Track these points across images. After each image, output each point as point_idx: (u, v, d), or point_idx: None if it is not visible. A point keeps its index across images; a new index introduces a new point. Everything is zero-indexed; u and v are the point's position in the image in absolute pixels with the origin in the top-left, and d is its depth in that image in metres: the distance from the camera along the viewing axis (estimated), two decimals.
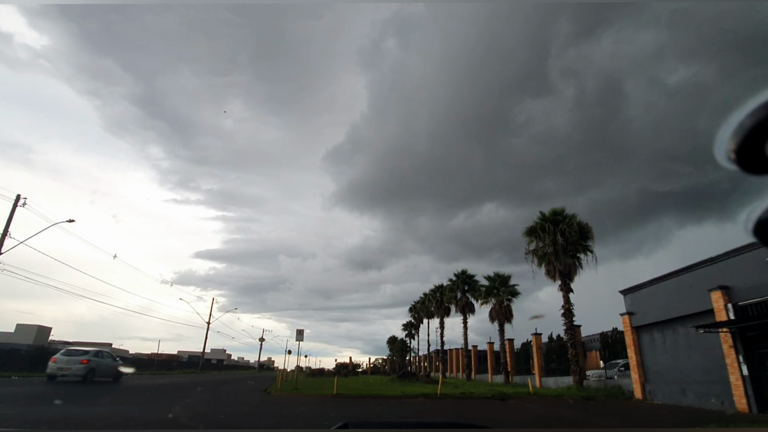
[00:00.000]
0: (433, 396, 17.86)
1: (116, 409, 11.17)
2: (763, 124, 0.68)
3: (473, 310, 40.33)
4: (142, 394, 16.11)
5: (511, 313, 30.92)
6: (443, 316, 49.89)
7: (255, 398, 16.53)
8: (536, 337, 28.38)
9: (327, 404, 15.36)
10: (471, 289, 40.52)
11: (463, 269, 41.44)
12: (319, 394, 18.10)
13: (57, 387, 16.44)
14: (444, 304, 49.90)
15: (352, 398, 17.13)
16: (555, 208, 22.99)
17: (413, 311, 68.81)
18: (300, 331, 20.09)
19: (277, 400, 16.39)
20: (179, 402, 13.62)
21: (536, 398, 18.82)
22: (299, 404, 15.12)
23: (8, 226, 21.73)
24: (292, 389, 19.50)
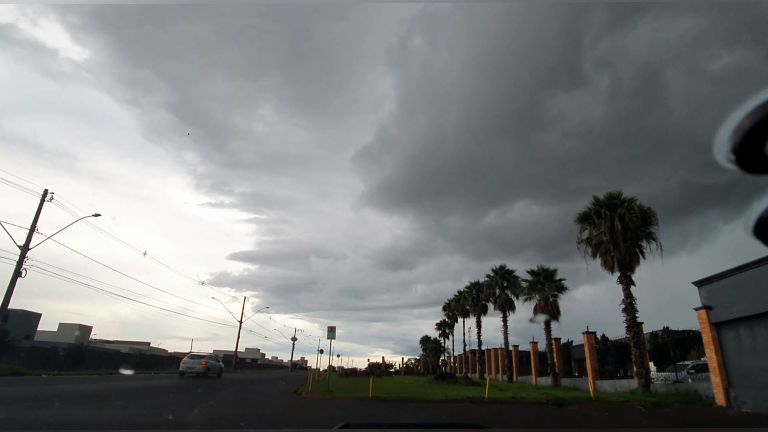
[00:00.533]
0: (480, 400, 15.93)
1: (121, 414, 9.94)
2: (762, 124, 0.68)
3: (513, 308, 37.93)
4: (163, 395, 14.98)
5: (558, 310, 28.47)
6: (480, 315, 47.53)
7: (284, 401, 15.12)
8: (588, 335, 25.84)
9: (362, 409, 13.75)
10: (510, 285, 38.10)
11: (502, 264, 39.11)
12: (353, 396, 16.51)
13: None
14: (481, 302, 47.54)
15: (389, 402, 15.45)
16: (611, 192, 20.56)
17: (447, 310, 66.60)
18: (331, 329, 18.60)
19: (308, 403, 14.91)
20: (201, 404, 12.33)
21: (598, 404, 16.56)
22: (331, 408, 13.57)
23: (35, 221, 21.32)
24: (324, 391, 18.01)
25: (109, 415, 9.70)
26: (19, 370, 20.62)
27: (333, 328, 18.57)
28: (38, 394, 12.78)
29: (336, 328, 18.62)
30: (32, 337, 51.50)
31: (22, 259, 20.64)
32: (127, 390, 15.96)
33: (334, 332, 18.57)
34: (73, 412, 9.59)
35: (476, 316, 47.94)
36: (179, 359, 66.99)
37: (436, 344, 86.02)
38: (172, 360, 65.68)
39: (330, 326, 18.48)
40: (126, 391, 15.33)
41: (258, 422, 9.46)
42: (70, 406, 10.62)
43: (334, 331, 18.61)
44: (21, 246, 20.66)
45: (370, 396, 15.83)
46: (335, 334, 18.63)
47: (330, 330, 18.57)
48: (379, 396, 16.15)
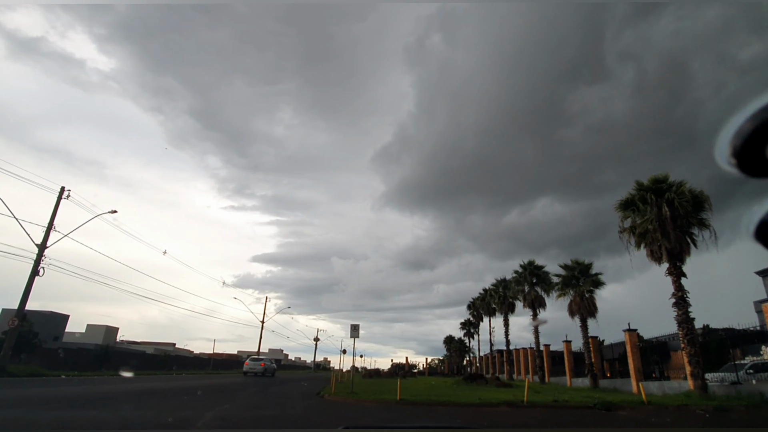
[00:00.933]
0: (518, 404, 14.49)
1: (129, 415, 8.99)
2: (763, 127, 0.68)
3: (543, 305, 36.10)
4: (176, 396, 14.09)
5: (595, 307, 26.61)
6: (507, 313, 45.77)
7: (305, 404, 14.03)
8: (630, 333, 23.98)
9: (389, 413, 12.54)
10: (540, 281, 36.28)
11: (530, 260, 37.33)
12: (379, 399, 15.30)
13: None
14: (508, 300, 45.77)
15: (418, 405, 14.18)
16: (656, 176, 18.76)
17: (472, 308, 64.77)
18: (355, 327, 17.45)
19: (331, 406, 13.79)
20: (216, 407, 11.35)
21: (651, 408, 14.89)
22: (356, 412, 12.41)
23: (53, 219, 20.92)
24: (348, 393, 16.87)
25: (101, 417, 8.79)
26: (38, 371, 20.26)
27: (356, 326, 17.44)
28: (36, 397, 12.03)
29: (359, 326, 17.49)
30: (61, 339, 52.26)
31: (40, 258, 20.25)
32: (136, 392, 15.17)
33: (357, 330, 17.43)
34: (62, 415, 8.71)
35: (503, 315, 46.19)
36: (204, 360, 67.51)
37: (460, 344, 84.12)
38: (196, 360, 66.15)
39: (353, 324, 17.35)
40: (133, 394, 14.53)
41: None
42: (66, 409, 9.77)
43: (358, 329, 17.46)
44: (38, 244, 20.29)
45: (398, 399, 14.59)
46: (359, 332, 17.48)
47: (353, 328, 17.43)
48: (408, 399, 14.90)
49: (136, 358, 50.13)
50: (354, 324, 17.40)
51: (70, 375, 21.97)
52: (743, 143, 0.71)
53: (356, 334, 17.45)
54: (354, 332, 17.45)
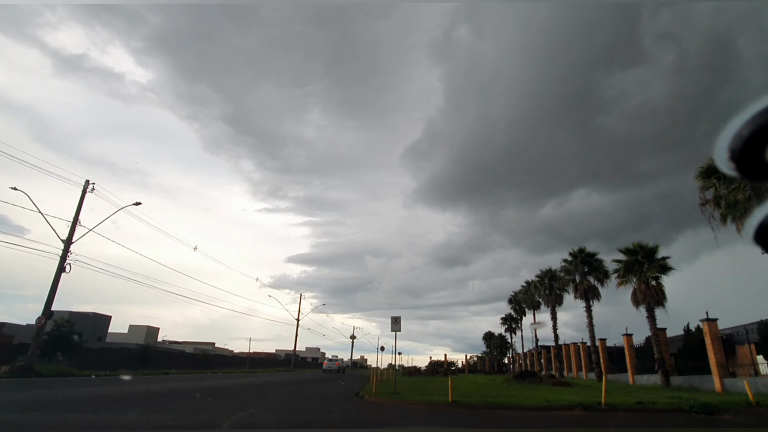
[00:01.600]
0: (594, 407, 12.16)
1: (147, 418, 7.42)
2: (762, 130, 0.69)
3: (598, 296, 32.99)
4: (200, 398, 12.62)
5: (663, 294, 23.56)
6: (555, 306, 42.66)
7: (343, 406, 12.25)
8: (709, 324, 20.93)
9: (443, 418, 10.55)
10: (594, 269, 33.18)
11: (581, 247, 34.22)
12: (426, 401, 13.32)
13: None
14: (555, 291, 42.69)
15: (474, 409, 12.11)
16: None
17: (513, 303, 61.57)
18: (396, 319, 15.54)
19: (372, 409, 11.94)
20: (240, 411, 9.72)
21: (763, 411, 12.19)
22: (404, 418, 10.49)
23: (78, 214, 20.15)
24: (391, 393, 14.99)
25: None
26: (67, 371, 19.55)
27: (398, 318, 15.52)
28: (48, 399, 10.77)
29: (401, 318, 15.57)
30: (104, 339, 53.27)
31: (66, 254, 19.51)
32: (156, 393, 13.82)
33: (399, 323, 15.50)
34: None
35: (550, 307, 43.12)
36: (242, 359, 67.56)
37: (501, 340, 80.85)
38: (234, 359, 66.27)
39: (394, 316, 15.43)
40: (154, 395, 13.16)
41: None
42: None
43: (399, 321, 15.53)
44: (64, 240, 19.56)
45: (450, 401, 12.56)
46: (400, 325, 15.55)
47: (394, 320, 15.51)
48: (461, 401, 12.85)
49: (175, 358, 50.32)
50: (395, 316, 15.51)
51: (102, 375, 21.19)
52: (742, 146, 0.70)
53: (397, 327, 15.53)
54: (395, 325, 15.53)
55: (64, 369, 19.70)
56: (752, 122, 0.68)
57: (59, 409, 9.26)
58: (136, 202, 21.21)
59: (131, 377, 21.14)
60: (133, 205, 21.29)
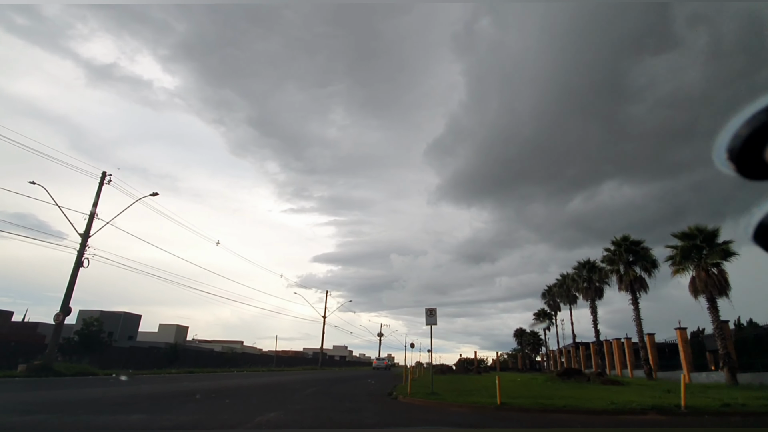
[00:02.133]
0: (671, 411, 10.25)
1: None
2: (761, 130, 0.69)
3: (645, 287, 30.40)
4: (217, 399, 11.35)
5: (727, 283, 21.07)
6: (594, 299, 40.07)
7: (375, 407, 10.78)
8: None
9: (497, 423, 8.91)
10: (640, 259, 30.61)
11: (625, 235, 31.64)
12: (470, 403, 11.68)
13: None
14: (594, 284, 40.09)
15: (529, 412, 10.41)
16: None
17: (547, 297, 58.87)
18: (431, 311, 13.95)
19: (409, 412, 10.40)
20: (264, 412, 8.40)
21: None
22: (448, 423, 8.92)
23: (95, 206, 19.43)
24: (428, 394, 13.42)
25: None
26: (87, 370, 18.85)
27: (433, 310, 13.93)
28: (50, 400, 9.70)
29: (436, 310, 13.96)
30: (135, 338, 53.77)
31: (83, 248, 18.81)
32: (171, 394, 12.67)
33: (434, 315, 13.89)
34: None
35: (589, 301, 40.51)
36: (269, 357, 67.29)
37: (534, 337, 77.94)
38: (262, 358, 66.04)
39: (429, 308, 13.86)
40: (167, 396, 11.99)
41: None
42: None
43: (435, 314, 13.93)
44: (81, 233, 18.85)
45: (499, 403, 10.88)
46: (436, 317, 13.95)
47: (429, 313, 13.92)
48: (511, 403, 11.14)
49: (204, 356, 50.22)
50: (430, 308, 13.93)
51: (124, 373, 20.45)
52: (741, 145, 0.70)
53: (433, 320, 13.93)
54: (430, 318, 13.93)
55: (85, 368, 19.02)
56: (751, 122, 0.68)
57: (56, 410, 8.13)
58: (152, 193, 20.40)
59: (151, 376, 20.33)
60: (150, 196, 20.49)
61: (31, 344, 29.31)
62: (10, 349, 25.74)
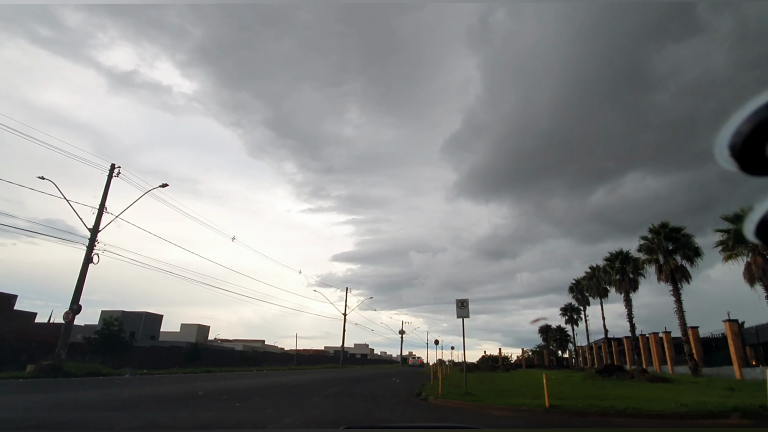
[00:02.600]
0: (756, 413, 8.60)
1: None
2: (762, 126, 0.69)
3: (687, 277, 28.25)
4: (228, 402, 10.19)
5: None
6: (629, 291, 37.78)
7: (406, 412, 9.44)
8: None
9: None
10: (681, 247, 28.45)
11: (664, 222, 29.53)
12: (512, 405, 10.22)
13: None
14: (628, 275, 37.83)
15: (584, 416, 8.91)
16: None
17: (575, 291, 56.38)
18: (462, 302, 12.52)
19: (446, 415, 9.03)
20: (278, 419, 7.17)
21: None
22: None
23: (104, 200, 18.64)
24: (462, 394, 12.01)
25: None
26: (99, 370, 18.07)
27: (464, 301, 12.49)
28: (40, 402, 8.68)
29: (468, 301, 12.53)
30: (157, 338, 53.83)
31: (93, 244, 18.04)
32: (175, 396, 11.58)
33: (466, 307, 12.46)
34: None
35: (623, 293, 38.19)
36: (290, 356, 66.77)
37: (560, 333, 75.31)
38: (283, 357, 65.57)
39: (460, 299, 12.43)
40: (172, 399, 10.89)
41: None
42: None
43: (467, 305, 12.51)
44: (90, 228, 18.09)
45: (547, 405, 9.41)
46: (468, 309, 12.53)
47: (461, 305, 12.48)
48: (561, 405, 9.64)
49: (225, 356, 49.86)
50: (461, 299, 12.50)
51: (139, 374, 19.66)
52: (743, 142, 0.70)
53: (465, 312, 12.50)
54: (462, 310, 12.50)
55: (97, 368, 18.24)
56: (753, 118, 0.67)
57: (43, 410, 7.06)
58: (162, 184, 19.53)
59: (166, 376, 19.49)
60: (160, 187, 19.62)
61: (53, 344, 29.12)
62: (31, 350, 25.44)
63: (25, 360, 20.69)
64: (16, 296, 34.52)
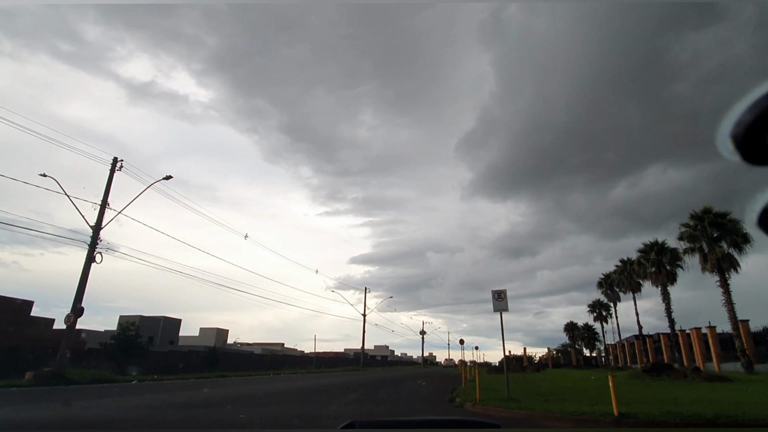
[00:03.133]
0: None
1: None
2: (764, 116, 0.69)
3: (736, 266, 25.90)
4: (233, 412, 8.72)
5: None
6: (666, 284, 35.34)
7: None
8: None
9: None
10: (728, 233, 26.11)
11: (707, 207, 27.22)
12: (572, 413, 8.53)
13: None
14: (665, 267, 35.39)
15: (666, 428, 7.18)
16: None
17: (604, 286, 53.67)
18: (499, 294, 10.84)
19: None
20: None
21: None
22: None
23: (107, 195, 17.56)
24: (504, 400, 10.35)
25: None
26: (104, 376, 16.91)
27: (502, 292, 10.82)
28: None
29: (506, 292, 10.86)
30: (176, 342, 53.32)
31: (95, 242, 16.96)
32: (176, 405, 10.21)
33: (504, 299, 10.77)
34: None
35: (660, 286, 35.74)
36: (310, 359, 65.71)
37: (588, 331, 72.27)
38: (302, 360, 64.52)
39: (497, 290, 10.77)
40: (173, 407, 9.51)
41: None
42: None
43: (505, 297, 10.83)
44: (93, 226, 17.03)
45: (616, 414, 7.70)
46: (506, 301, 10.84)
47: (497, 296, 10.80)
48: (634, 414, 7.92)
49: (244, 359, 48.99)
50: (497, 290, 10.85)
51: (147, 379, 18.51)
52: (745, 132, 0.70)
53: (503, 305, 10.79)
54: (499, 302, 10.80)
55: (102, 374, 17.10)
56: (754, 108, 0.67)
57: None
58: (166, 176, 18.38)
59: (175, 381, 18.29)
60: (164, 180, 18.47)
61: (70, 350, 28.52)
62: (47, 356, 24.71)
63: (36, 367, 19.88)
64: (32, 302, 33.96)
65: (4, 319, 30.97)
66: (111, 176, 17.64)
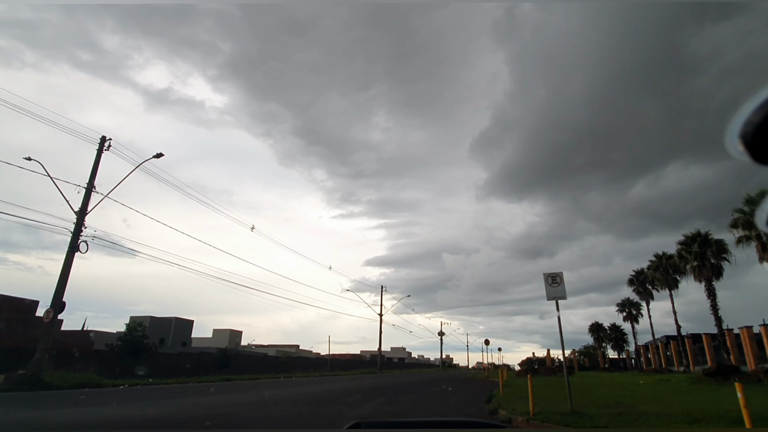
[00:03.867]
0: None
1: None
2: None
3: None
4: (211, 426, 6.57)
5: None
6: (711, 278, 32.15)
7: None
8: None
9: None
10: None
11: (763, 188, 24.21)
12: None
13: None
14: (709, 260, 32.22)
15: None
16: None
17: (635, 284, 50.25)
18: (554, 277, 8.51)
19: None
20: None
21: None
22: None
23: (93, 177, 15.76)
24: (565, 415, 8.02)
25: None
26: (91, 380, 15.01)
27: (556, 276, 8.48)
28: None
29: (563, 275, 8.56)
30: (189, 344, 52.00)
31: (80, 229, 15.16)
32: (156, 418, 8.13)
33: (561, 283, 8.36)
34: None
35: (704, 282, 32.49)
36: (325, 361, 63.83)
37: (616, 332, 68.54)
38: (317, 362, 62.59)
39: (550, 273, 8.44)
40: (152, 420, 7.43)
41: None
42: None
43: (561, 280, 8.49)
44: (77, 211, 15.23)
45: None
46: (564, 287, 8.50)
47: (552, 280, 8.43)
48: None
49: (257, 361, 47.32)
50: (551, 273, 8.56)
51: (142, 383, 16.61)
52: (754, 132, 0.69)
53: (560, 291, 8.44)
54: (553, 288, 8.44)
55: (89, 377, 15.08)
56: (763, 108, 0.67)
57: None
58: (157, 154, 16.51)
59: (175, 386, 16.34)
60: (154, 158, 16.61)
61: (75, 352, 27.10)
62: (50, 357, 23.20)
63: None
64: (37, 302, 32.68)
65: (4, 318, 29.83)
66: (98, 157, 15.86)
